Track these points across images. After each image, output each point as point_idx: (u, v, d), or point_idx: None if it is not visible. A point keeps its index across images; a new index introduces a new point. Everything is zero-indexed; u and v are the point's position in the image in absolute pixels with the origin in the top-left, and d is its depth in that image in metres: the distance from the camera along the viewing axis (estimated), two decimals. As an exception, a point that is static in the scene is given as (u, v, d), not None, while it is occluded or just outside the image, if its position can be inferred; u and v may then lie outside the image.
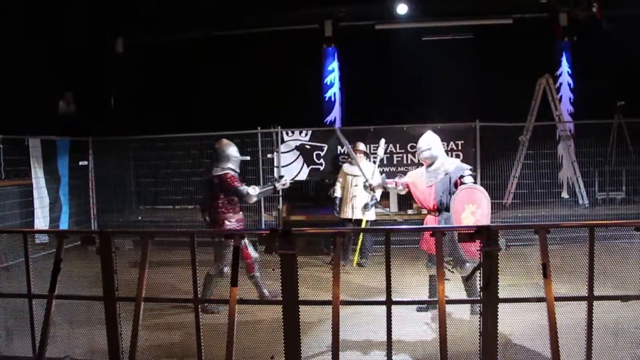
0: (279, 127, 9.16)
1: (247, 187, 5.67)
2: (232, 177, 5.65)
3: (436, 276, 3.72)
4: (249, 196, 5.61)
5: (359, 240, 7.52)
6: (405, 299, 4.32)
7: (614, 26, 9.77)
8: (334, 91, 11.71)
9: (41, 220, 8.47)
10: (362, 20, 11.52)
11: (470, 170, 5.31)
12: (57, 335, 4.36)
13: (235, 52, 11.63)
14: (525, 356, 4.15)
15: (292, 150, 9.26)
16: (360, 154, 7.77)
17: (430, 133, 5.59)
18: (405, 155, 8.97)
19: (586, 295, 3.58)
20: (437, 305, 3.63)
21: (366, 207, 7.21)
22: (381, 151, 6.78)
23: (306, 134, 9.26)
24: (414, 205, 8.52)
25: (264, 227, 8.91)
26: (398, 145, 8.99)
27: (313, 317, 4.45)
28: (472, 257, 4.81)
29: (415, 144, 5.91)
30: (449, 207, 5.09)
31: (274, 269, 4.86)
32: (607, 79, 10.05)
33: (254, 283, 5.74)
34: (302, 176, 9.22)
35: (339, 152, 9.05)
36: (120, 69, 12.01)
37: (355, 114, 11.47)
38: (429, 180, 5.35)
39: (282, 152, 9.18)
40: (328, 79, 11.69)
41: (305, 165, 9.21)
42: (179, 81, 11.59)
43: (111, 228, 6.47)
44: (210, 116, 10.65)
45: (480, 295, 3.65)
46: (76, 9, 10.10)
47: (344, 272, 6.74)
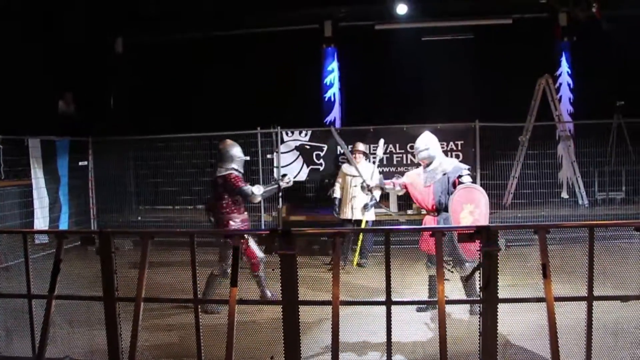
0: (278, 128, 9.16)
1: (251, 186, 5.68)
2: (236, 177, 5.66)
3: (436, 276, 3.73)
4: (253, 196, 5.62)
5: (358, 240, 7.52)
6: (405, 299, 4.32)
7: (613, 26, 9.76)
8: (333, 91, 11.70)
9: (41, 221, 8.47)
10: (361, 21, 11.51)
11: (468, 170, 5.31)
12: (56, 335, 4.36)
13: (235, 52, 11.63)
14: (524, 356, 4.15)
15: (292, 150, 9.26)
16: (360, 154, 7.73)
17: (428, 133, 5.58)
18: (405, 156, 8.97)
19: (586, 295, 3.58)
20: (436, 306, 3.63)
21: (366, 207, 7.19)
22: (380, 151, 6.78)
23: (306, 134, 9.26)
24: (414, 206, 8.50)
25: (263, 227, 8.91)
26: (398, 146, 8.99)
27: (313, 317, 4.44)
28: (472, 257, 4.81)
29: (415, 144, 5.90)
30: (447, 207, 5.09)
31: (273, 269, 4.88)
32: (606, 79, 10.05)
33: (257, 282, 5.75)
34: (301, 176, 9.22)
35: (338, 153, 9.04)
36: (120, 69, 12.00)
37: (355, 114, 11.47)
38: (427, 181, 5.35)
39: (282, 153, 9.18)
40: (328, 79, 11.68)
41: (305, 165, 9.21)
42: (178, 81, 11.58)
43: (111, 228, 6.46)
44: (210, 116, 10.66)
45: (479, 296, 3.65)
46: (76, 9, 10.09)
47: (343, 272, 6.75)
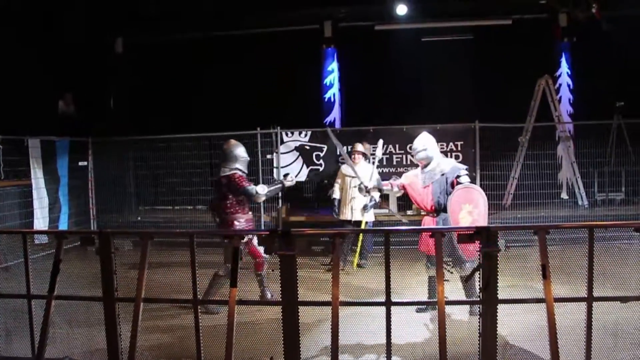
0: (278, 128, 9.16)
1: (255, 186, 5.69)
2: (240, 177, 5.66)
3: (435, 277, 3.72)
4: (257, 195, 5.63)
5: (358, 241, 7.51)
6: (405, 300, 4.32)
7: (613, 27, 9.77)
8: (333, 92, 11.71)
9: (40, 221, 8.47)
10: (361, 21, 11.52)
11: (466, 170, 5.31)
12: (56, 335, 4.35)
13: (235, 52, 11.62)
14: (524, 357, 4.14)
15: (292, 151, 9.26)
16: (359, 155, 7.68)
17: (426, 134, 5.58)
18: (404, 156, 8.97)
19: (585, 296, 3.58)
20: (436, 306, 3.63)
21: (365, 208, 7.17)
22: (379, 152, 6.77)
23: (306, 135, 9.26)
24: (413, 206, 8.48)
25: (263, 227, 8.91)
26: (397, 146, 9.00)
27: (312, 318, 4.44)
28: (471, 257, 4.81)
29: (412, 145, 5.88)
30: (446, 207, 5.09)
31: (273, 270, 4.87)
32: (606, 79, 10.06)
33: (259, 282, 5.75)
34: (301, 177, 9.22)
35: (338, 153, 9.03)
36: (119, 69, 12.00)
37: (354, 115, 11.48)
38: (425, 181, 5.36)
39: (282, 153, 9.18)
40: (327, 80, 11.69)
41: (304, 166, 9.21)
42: (178, 81, 11.58)
43: (110, 228, 6.47)
44: (210, 117, 10.67)
45: (479, 296, 3.65)
46: (76, 9, 10.09)
47: (343, 273, 6.74)
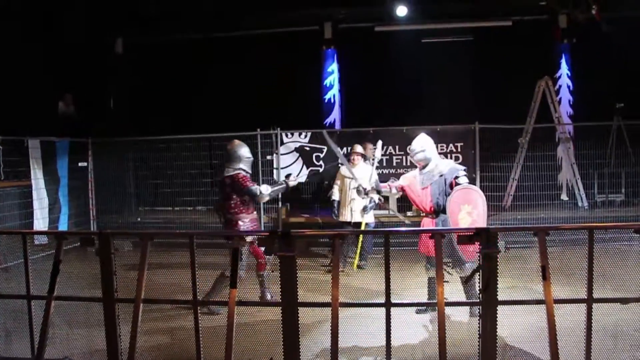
0: (278, 129, 9.16)
1: (259, 186, 5.70)
2: (244, 177, 5.67)
3: (435, 278, 3.72)
4: (261, 195, 5.64)
5: (358, 243, 7.50)
6: (405, 301, 4.32)
7: (613, 28, 9.78)
8: (333, 93, 11.71)
9: (40, 222, 8.46)
10: (361, 22, 11.52)
11: (465, 170, 5.32)
12: (56, 336, 4.34)
13: (235, 53, 11.63)
14: (524, 359, 4.14)
15: (292, 152, 9.26)
16: (358, 156, 7.66)
17: (424, 135, 5.58)
18: (404, 157, 8.95)
19: (585, 297, 3.58)
20: (436, 308, 3.63)
21: (365, 209, 7.16)
22: (378, 153, 6.76)
23: (305, 136, 9.26)
24: (413, 207, 8.47)
25: (263, 228, 8.89)
26: (397, 147, 8.99)
27: (312, 319, 4.44)
28: (471, 258, 4.81)
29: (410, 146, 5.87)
30: (445, 208, 5.09)
31: (273, 271, 4.86)
32: (606, 81, 10.07)
33: (260, 282, 5.74)
34: (301, 178, 9.21)
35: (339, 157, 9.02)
36: (119, 69, 12.01)
37: (354, 116, 11.48)
38: (423, 183, 5.36)
39: (282, 154, 9.18)
40: (327, 81, 11.70)
41: (304, 167, 9.21)
42: (178, 82, 11.58)
43: (110, 229, 6.46)
44: (210, 117, 10.68)
45: (479, 298, 3.65)
46: (76, 9, 10.10)
47: (343, 274, 6.74)
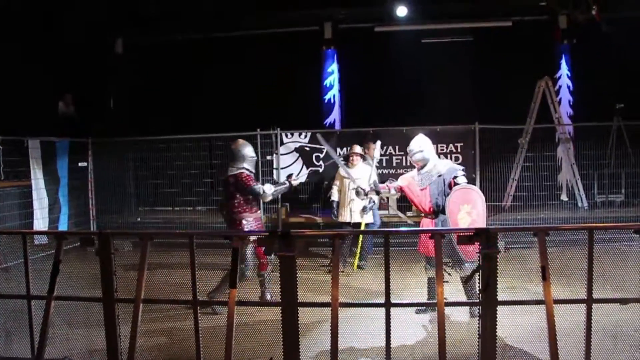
0: (278, 129, 9.15)
1: (262, 185, 5.71)
2: (247, 176, 5.68)
3: (435, 278, 3.72)
4: (264, 194, 5.65)
5: (358, 243, 7.50)
6: (404, 302, 4.32)
7: (613, 29, 9.78)
8: (333, 93, 11.70)
9: (40, 222, 8.46)
10: (361, 23, 11.52)
11: (463, 170, 5.32)
12: (55, 336, 4.35)
13: (235, 53, 11.63)
14: (523, 359, 4.14)
15: (292, 152, 9.26)
16: (357, 157, 7.65)
17: (422, 135, 5.59)
18: (404, 158, 8.92)
19: (585, 298, 3.58)
20: (436, 308, 3.63)
21: (364, 210, 7.16)
22: (377, 153, 6.75)
23: (305, 136, 9.25)
24: (413, 208, 8.48)
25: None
26: (397, 148, 8.98)
27: (312, 319, 4.44)
28: (471, 258, 4.81)
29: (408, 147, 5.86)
30: (444, 209, 5.09)
31: (273, 271, 4.86)
32: (606, 81, 10.07)
33: (260, 282, 5.73)
34: (302, 178, 9.21)
35: (338, 155, 9.02)
36: (119, 69, 12.00)
37: (354, 116, 11.47)
38: (422, 183, 5.36)
39: (282, 154, 9.18)
40: (327, 81, 11.69)
41: (304, 167, 9.21)
42: (178, 82, 11.59)
43: (110, 229, 6.47)
44: (210, 118, 10.68)
45: (479, 298, 3.65)
46: (76, 9, 10.09)
47: (343, 274, 6.75)
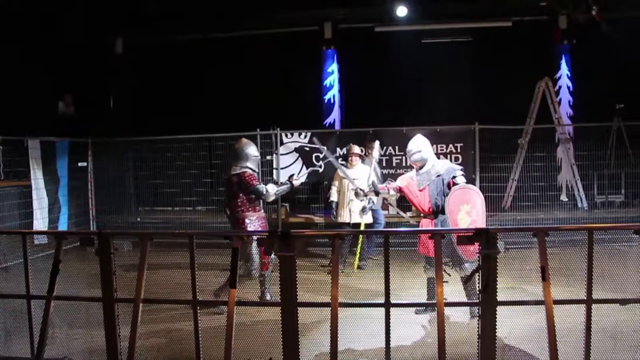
0: (278, 129, 9.15)
1: (265, 185, 5.71)
2: (251, 175, 5.68)
3: (434, 279, 3.72)
4: (267, 194, 5.65)
5: (358, 243, 7.49)
6: (404, 302, 4.32)
7: (613, 29, 9.78)
8: (333, 93, 11.70)
9: (40, 222, 8.47)
10: (361, 23, 11.51)
11: (462, 170, 5.33)
12: (55, 336, 4.34)
13: (235, 53, 11.63)
14: (523, 359, 4.14)
15: (291, 152, 9.25)
16: (355, 157, 7.65)
17: (420, 136, 5.59)
18: (404, 158, 8.92)
19: (585, 298, 3.58)
20: (435, 308, 3.63)
21: (364, 210, 7.16)
22: (376, 153, 6.74)
23: (305, 136, 9.25)
24: (413, 208, 8.48)
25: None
26: (397, 148, 8.97)
27: (311, 319, 4.44)
28: (471, 258, 4.81)
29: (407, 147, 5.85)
30: (444, 209, 5.09)
31: (272, 271, 4.85)
32: (606, 81, 10.06)
33: (260, 282, 5.73)
34: (303, 177, 9.19)
35: (337, 155, 9.02)
36: (120, 69, 12.00)
37: (354, 116, 11.46)
38: (420, 184, 5.37)
39: (281, 154, 9.17)
40: (327, 81, 11.68)
41: (304, 167, 9.20)
42: (178, 82, 11.59)
43: (110, 229, 6.47)
44: (210, 118, 10.68)
45: (478, 298, 3.65)
46: (76, 9, 10.10)
47: (342, 274, 6.74)
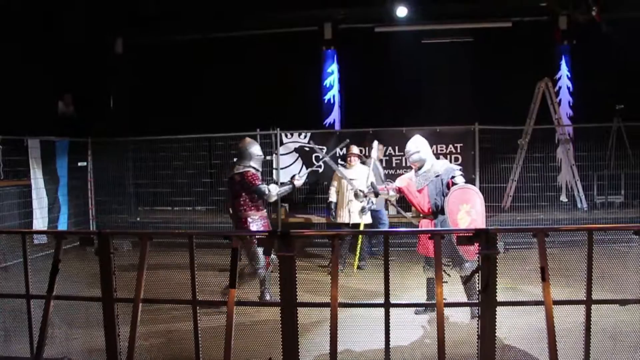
0: (277, 129, 9.15)
1: (267, 185, 5.71)
2: (254, 175, 5.69)
3: (434, 279, 3.73)
4: (269, 194, 5.65)
5: (358, 243, 7.49)
6: (404, 302, 4.32)
7: (613, 29, 9.78)
8: (333, 93, 11.70)
9: (40, 221, 8.46)
10: (361, 23, 11.52)
11: (460, 170, 5.33)
12: (55, 336, 4.34)
13: (235, 53, 11.63)
14: (523, 359, 4.15)
15: (291, 152, 9.26)
16: (354, 157, 7.65)
17: (418, 136, 5.60)
18: (404, 158, 8.93)
19: (584, 299, 3.58)
20: (435, 308, 3.63)
21: (363, 210, 7.15)
22: (374, 153, 6.73)
23: (305, 136, 9.25)
24: (413, 208, 8.48)
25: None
26: (397, 148, 8.97)
27: (311, 319, 4.44)
28: (471, 258, 4.81)
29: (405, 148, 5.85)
30: (443, 209, 5.10)
31: (272, 271, 4.84)
32: (606, 82, 10.06)
33: (260, 282, 5.72)
34: (303, 178, 9.17)
35: (337, 155, 9.02)
36: (120, 69, 12.00)
37: (354, 117, 11.47)
38: (419, 184, 5.37)
39: (281, 154, 9.17)
40: (327, 81, 11.69)
41: (304, 167, 9.20)
42: (178, 82, 11.58)
43: (110, 229, 6.45)
44: (210, 118, 10.68)
45: (478, 298, 3.65)
46: (76, 9, 10.10)
47: (342, 274, 6.74)
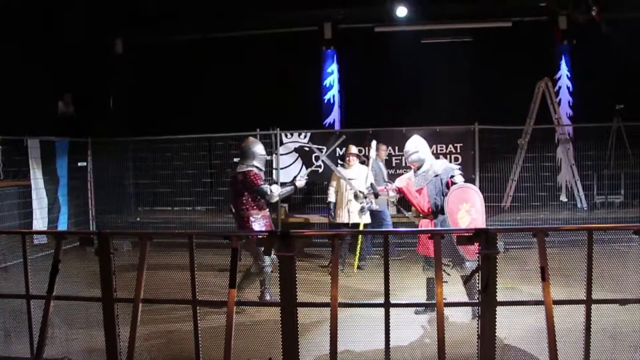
0: (277, 129, 9.15)
1: (270, 186, 5.71)
2: (256, 174, 5.68)
3: (434, 279, 3.73)
4: (271, 195, 5.64)
5: (357, 243, 7.48)
6: (404, 302, 4.31)
7: (613, 29, 9.78)
8: (333, 93, 11.70)
9: (40, 221, 8.46)
10: (361, 23, 11.52)
11: (459, 169, 5.33)
12: (55, 336, 4.34)
13: (235, 53, 11.63)
14: (523, 359, 4.14)
15: (291, 152, 9.26)
16: (353, 157, 7.64)
17: (417, 136, 5.60)
18: (403, 158, 8.91)
19: (584, 298, 3.58)
20: (435, 308, 3.63)
21: (363, 210, 7.15)
22: (373, 153, 6.73)
23: (305, 136, 9.25)
24: (413, 208, 8.48)
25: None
26: (397, 148, 8.98)
27: (311, 319, 4.44)
28: (471, 257, 4.81)
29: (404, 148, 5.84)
30: (443, 209, 5.10)
31: (272, 271, 4.84)
32: (606, 82, 10.05)
33: (260, 282, 5.72)
34: (305, 178, 9.17)
35: (337, 155, 9.02)
36: (119, 69, 12.00)
37: (354, 116, 11.47)
38: (418, 184, 5.37)
39: (281, 154, 9.17)
40: (327, 81, 11.69)
41: (304, 167, 9.19)
42: (178, 82, 11.58)
43: (109, 229, 6.47)
44: (210, 118, 10.68)
45: (478, 298, 3.65)
46: (76, 9, 10.09)
47: (342, 274, 6.74)
